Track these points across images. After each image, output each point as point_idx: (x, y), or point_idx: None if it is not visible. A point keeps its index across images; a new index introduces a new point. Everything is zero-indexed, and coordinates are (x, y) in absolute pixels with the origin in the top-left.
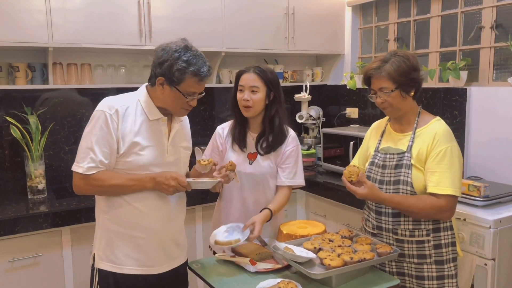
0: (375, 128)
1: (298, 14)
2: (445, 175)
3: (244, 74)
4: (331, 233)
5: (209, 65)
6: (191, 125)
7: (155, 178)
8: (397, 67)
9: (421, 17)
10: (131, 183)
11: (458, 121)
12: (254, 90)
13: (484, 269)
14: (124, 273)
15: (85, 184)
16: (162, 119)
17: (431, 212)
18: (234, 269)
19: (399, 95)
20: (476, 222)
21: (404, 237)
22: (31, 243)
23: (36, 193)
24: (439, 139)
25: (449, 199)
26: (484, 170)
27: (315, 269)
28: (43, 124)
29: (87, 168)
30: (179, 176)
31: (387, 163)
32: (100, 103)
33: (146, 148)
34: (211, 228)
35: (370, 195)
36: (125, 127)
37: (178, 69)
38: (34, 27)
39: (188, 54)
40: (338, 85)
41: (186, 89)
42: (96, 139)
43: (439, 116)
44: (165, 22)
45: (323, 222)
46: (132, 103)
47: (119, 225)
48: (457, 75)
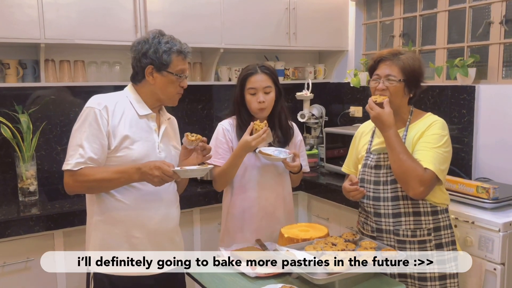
0: (363, 131)
1: (299, 9)
2: (429, 153)
3: (253, 76)
4: (334, 236)
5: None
6: (189, 123)
7: (141, 168)
8: (412, 63)
9: (428, 12)
10: (118, 175)
11: (466, 120)
12: (267, 91)
13: (494, 274)
14: (119, 275)
15: (74, 181)
16: (151, 115)
17: (411, 173)
18: (233, 273)
19: (402, 89)
20: (485, 225)
21: (406, 238)
22: (22, 247)
23: (28, 195)
24: (434, 126)
25: (429, 175)
26: (493, 171)
27: (317, 274)
28: (34, 123)
29: (75, 163)
30: (163, 165)
31: (381, 163)
32: (89, 100)
33: (137, 142)
34: (221, 233)
35: (384, 117)
36: (115, 122)
37: (163, 51)
38: (25, 23)
39: (166, 37)
40: (342, 83)
41: (175, 69)
42: (86, 136)
43: (444, 115)
44: (162, 17)
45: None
46: (121, 100)
47: (113, 225)
48: (465, 73)
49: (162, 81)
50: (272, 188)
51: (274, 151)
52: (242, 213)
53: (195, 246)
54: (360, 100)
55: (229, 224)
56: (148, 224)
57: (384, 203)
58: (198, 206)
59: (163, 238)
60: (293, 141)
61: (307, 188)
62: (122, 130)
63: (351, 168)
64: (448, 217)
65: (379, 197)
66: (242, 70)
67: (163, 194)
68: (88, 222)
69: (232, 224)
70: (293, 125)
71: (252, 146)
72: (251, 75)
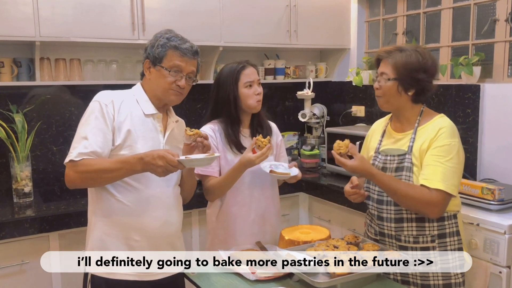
0: (376, 129)
1: (300, 6)
2: (438, 170)
3: (246, 69)
4: (336, 239)
5: (195, 45)
6: (187, 123)
7: (143, 158)
8: (407, 61)
9: (432, 9)
10: (119, 165)
11: (471, 120)
12: (259, 83)
13: (499, 277)
14: (117, 279)
15: (74, 172)
16: (157, 115)
17: (419, 202)
18: (233, 277)
19: (395, 88)
20: (490, 227)
21: (408, 244)
22: (16, 250)
23: (22, 197)
24: (442, 134)
25: (440, 195)
26: (499, 171)
27: (318, 277)
28: (29, 123)
29: (77, 154)
30: (167, 154)
31: (387, 166)
32: (96, 95)
33: (141, 141)
34: (209, 241)
35: (360, 168)
36: (121, 118)
37: (159, 45)
38: (20, 20)
39: (170, 34)
40: (343, 82)
41: (169, 64)
42: (90, 129)
43: (448, 115)
44: (160, 14)
45: (328, 227)
46: (127, 98)
47: (112, 226)
48: (469, 71)
49: (156, 75)
50: (263, 190)
51: (282, 168)
52: (234, 219)
53: (193, 248)
54: (362, 99)
55: (219, 232)
56: (148, 227)
57: (387, 207)
58: (196, 207)
59: (163, 242)
60: (275, 141)
61: (308, 189)
62: (127, 127)
63: None
64: (456, 223)
65: (382, 201)
66: (227, 69)
67: (165, 197)
68: (88, 223)
69: (223, 231)
70: (271, 124)
71: (255, 164)
72: (243, 69)
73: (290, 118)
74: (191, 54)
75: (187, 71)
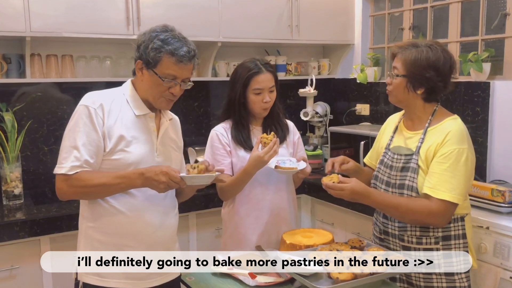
0: (390, 123)
1: (303, 0)
2: (444, 178)
3: (259, 75)
4: (340, 243)
5: (192, 49)
6: (184, 122)
7: (144, 173)
8: (416, 57)
9: (440, 3)
10: (118, 180)
11: (480, 119)
12: (272, 89)
13: (509, 283)
14: (110, 287)
15: (68, 186)
16: (150, 114)
17: (420, 215)
18: (231, 283)
19: (404, 85)
20: (501, 231)
21: (411, 244)
22: (6, 254)
23: (12, 199)
24: (449, 139)
25: (443, 204)
26: (510, 173)
27: (321, 283)
28: (19, 122)
29: (70, 167)
30: (170, 171)
31: (394, 164)
32: (83, 98)
33: (134, 144)
34: (223, 242)
35: (358, 186)
36: (111, 122)
37: (153, 48)
38: (9, 14)
39: (166, 34)
40: (347, 79)
41: (164, 71)
42: (80, 136)
43: (457, 115)
44: (155, 8)
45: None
46: (117, 98)
47: (105, 233)
48: (479, 68)
49: (149, 79)
50: (277, 189)
51: (289, 163)
52: (246, 218)
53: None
54: (367, 97)
55: (232, 231)
56: (142, 233)
57: None
58: (194, 210)
59: (158, 248)
60: (292, 140)
61: (310, 191)
62: (118, 131)
63: (372, 161)
64: (462, 226)
65: None
66: (242, 69)
67: (160, 201)
68: (79, 228)
69: (236, 231)
70: (289, 122)
71: (265, 161)
72: (256, 75)
73: (292, 116)
74: (188, 60)
75: (183, 78)
